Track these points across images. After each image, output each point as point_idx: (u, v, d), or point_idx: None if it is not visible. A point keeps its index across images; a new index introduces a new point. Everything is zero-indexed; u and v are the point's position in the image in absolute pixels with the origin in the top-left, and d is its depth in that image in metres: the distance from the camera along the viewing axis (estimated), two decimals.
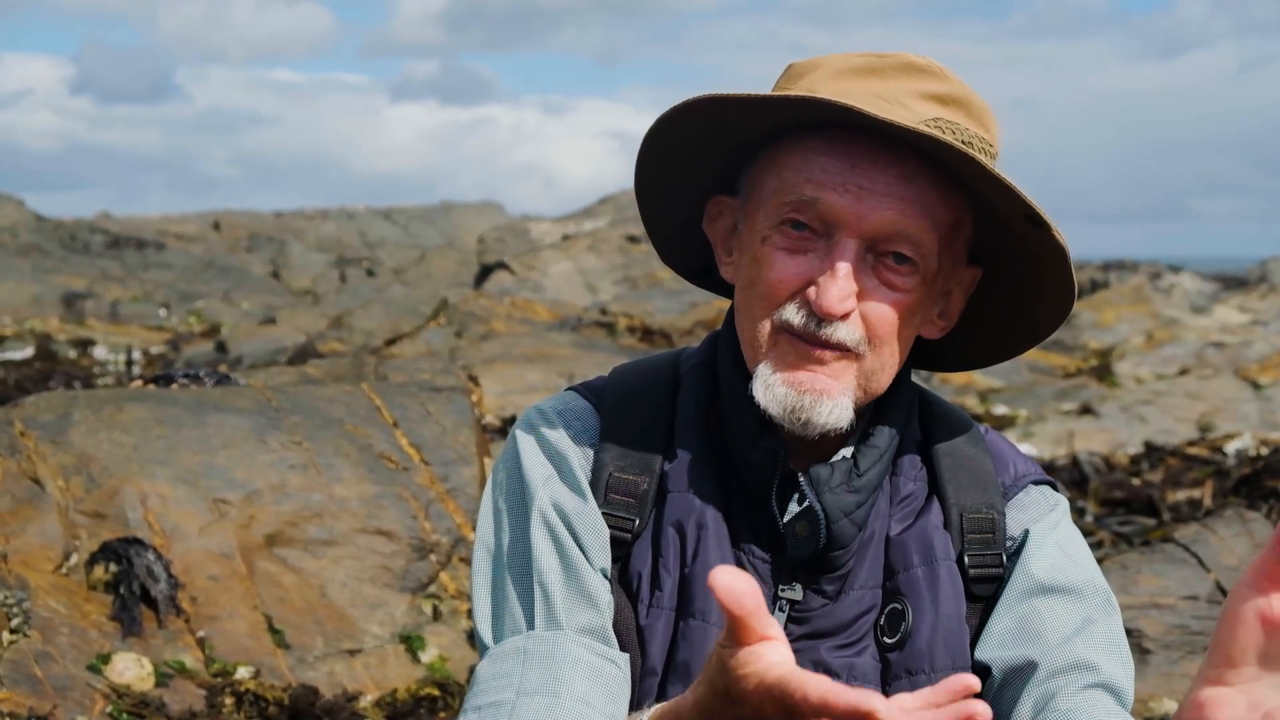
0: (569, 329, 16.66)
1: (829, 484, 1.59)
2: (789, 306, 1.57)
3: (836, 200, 1.54)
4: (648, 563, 1.63)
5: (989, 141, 1.60)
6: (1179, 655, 5.33)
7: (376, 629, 5.27)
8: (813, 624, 1.62)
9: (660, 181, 1.69)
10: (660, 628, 1.61)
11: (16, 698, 4.30)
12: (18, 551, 4.93)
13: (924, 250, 1.56)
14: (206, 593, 5.07)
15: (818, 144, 1.56)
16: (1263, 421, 12.65)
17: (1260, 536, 5.86)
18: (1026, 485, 1.70)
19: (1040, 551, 1.64)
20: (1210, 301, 25.82)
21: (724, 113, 1.57)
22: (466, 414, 6.15)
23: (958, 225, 1.60)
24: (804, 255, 1.56)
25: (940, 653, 1.59)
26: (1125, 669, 1.60)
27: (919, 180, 1.55)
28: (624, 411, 1.70)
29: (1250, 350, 17.95)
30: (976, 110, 1.60)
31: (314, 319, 23.87)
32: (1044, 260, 1.59)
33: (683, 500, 1.64)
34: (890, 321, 1.57)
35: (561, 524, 1.62)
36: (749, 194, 1.64)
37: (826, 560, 1.61)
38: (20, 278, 29.41)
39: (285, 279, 35.02)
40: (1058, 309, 1.64)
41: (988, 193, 1.56)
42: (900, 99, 1.56)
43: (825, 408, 1.57)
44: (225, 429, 5.61)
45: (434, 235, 43.13)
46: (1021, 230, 1.58)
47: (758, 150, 1.63)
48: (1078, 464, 9.97)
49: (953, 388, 15.70)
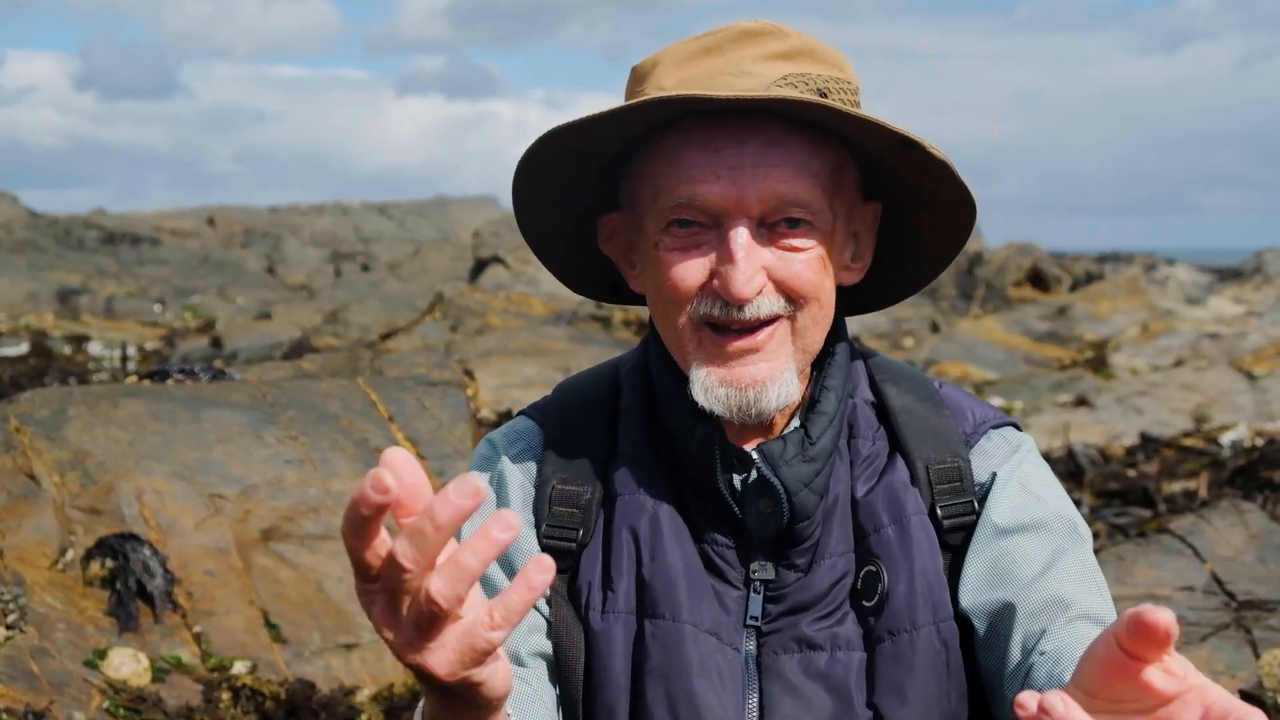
0: (564, 323, 16.66)
1: (784, 457, 1.59)
2: (702, 301, 1.57)
3: (712, 190, 1.53)
4: (597, 570, 1.63)
5: (845, 79, 1.60)
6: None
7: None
8: (789, 600, 1.61)
9: (543, 220, 1.70)
10: (619, 632, 1.60)
11: (13, 693, 4.30)
12: (14, 547, 4.93)
13: (813, 208, 1.55)
14: (203, 588, 5.07)
15: (677, 139, 1.56)
16: (1258, 413, 12.67)
17: (1255, 528, 5.87)
18: (987, 431, 1.69)
19: (1004, 492, 1.64)
20: (1205, 293, 25.84)
21: (576, 140, 1.57)
22: (462, 408, 6.15)
23: (839, 171, 1.59)
24: (699, 249, 1.56)
25: (920, 609, 1.58)
26: (1101, 594, 1.60)
27: (786, 142, 1.54)
28: (565, 424, 1.71)
29: (1245, 341, 17.97)
30: (824, 55, 1.60)
31: (309, 314, 23.86)
32: (931, 178, 1.59)
33: (633, 502, 1.64)
34: (805, 280, 1.56)
35: (495, 563, 1.65)
36: (631, 206, 1.64)
37: (793, 534, 1.61)
38: (15, 274, 29.37)
39: (280, 274, 34.99)
40: (962, 219, 1.63)
41: (852, 132, 1.56)
42: (744, 68, 1.56)
43: (772, 393, 1.57)
44: (221, 424, 5.61)
45: (429, 230, 43.10)
46: (900, 157, 1.58)
47: (628, 160, 1.63)
48: (1073, 456, 9.98)
49: (948, 380, 15.72)
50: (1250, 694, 5.12)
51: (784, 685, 1.58)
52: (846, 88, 1.59)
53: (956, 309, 22.86)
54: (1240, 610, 5.46)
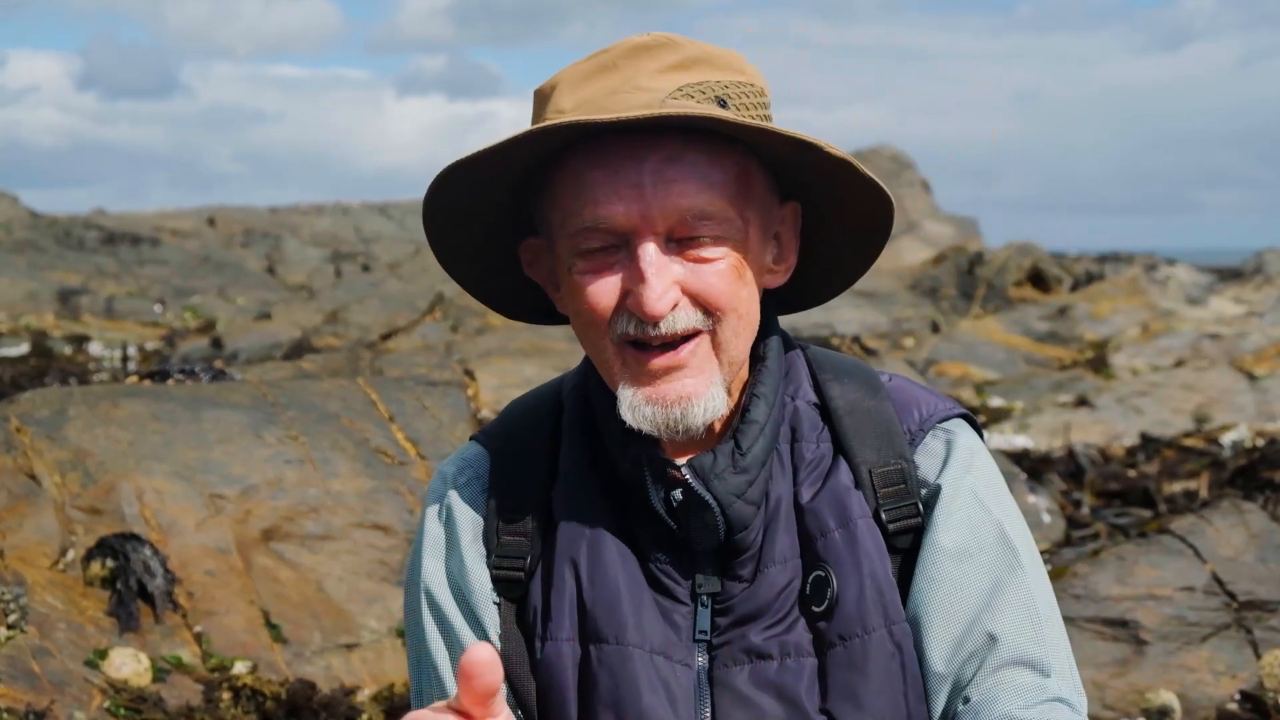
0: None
1: (714, 470, 1.58)
2: (618, 320, 1.56)
3: (615, 212, 1.53)
4: (541, 597, 1.63)
5: (748, 83, 1.59)
6: (1176, 646, 5.34)
7: (373, 623, 5.27)
8: (736, 611, 1.60)
9: (463, 251, 1.69)
10: (566, 659, 1.60)
11: (14, 693, 4.30)
12: (14, 547, 4.93)
13: (719, 217, 1.55)
14: (203, 588, 5.07)
15: (578, 162, 1.55)
16: (1258, 413, 12.66)
17: (1256, 528, 5.87)
18: (933, 427, 1.67)
19: (952, 507, 1.62)
20: (1206, 293, 25.84)
21: (478, 173, 1.56)
22: (463, 408, 6.15)
23: (744, 178, 1.58)
24: (611, 270, 1.56)
25: (871, 613, 1.57)
26: (1036, 631, 1.58)
27: (686, 156, 1.53)
28: (511, 450, 1.72)
29: (1246, 341, 17.96)
30: (722, 60, 1.59)
31: (309, 314, 23.85)
32: (838, 176, 1.59)
33: (573, 527, 1.64)
34: (721, 291, 1.56)
35: (449, 596, 1.67)
36: (545, 230, 1.64)
37: (733, 545, 1.60)
38: (15, 274, 29.36)
39: (280, 274, 34.98)
40: (880, 210, 1.62)
41: (748, 139, 1.56)
42: (639, 84, 1.55)
43: (698, 409, 1.56)
44: (221, 424, 5.61)
45: None
46: (802, 158, 1.57)
47: (537, 184, 1.63)
48: (1074, 456, 9.98)
49: (949, 380, 15.71)
50: (1251, 694, 5.12)
51: (735, 697, 1.58)
52: (749, 90, 1.58)
53: (957, 309, 22.86)
54: (1241, 610, 5.46)
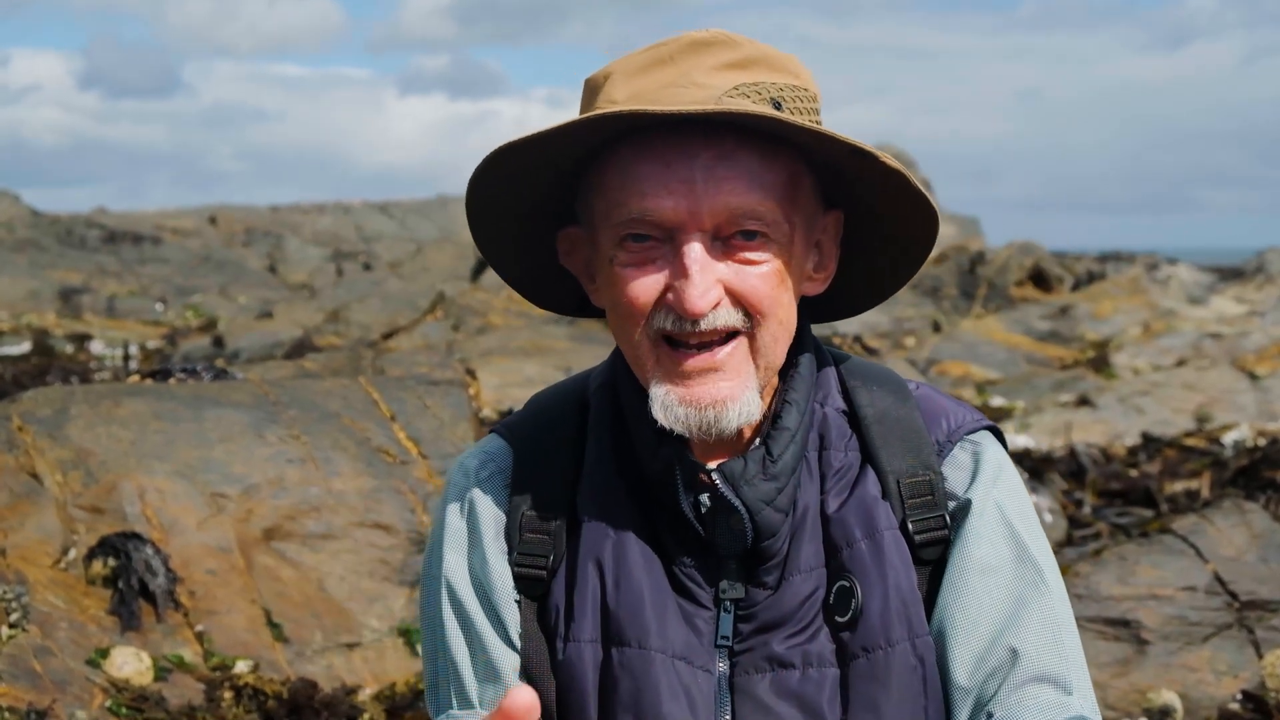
0: (565, 322, 16.65)
1: (745, 476, 1.57)
2: (656, 316, 1.55)
3: (664, 205, 1.52)
4: (564, 597, 1.62)
5: (802, 87, 1.58)
6: (1177, 646, 5.34)
7: (375, 622, 5.27)
8: (760, 618, 1.59)
9: (502, 236, 1.68)
10: (587, 661, 1.59)
11: (15, 692, 4.30)
12: (16, 546, 4.93)
13: (768, 219, 1.54)
14: (205, 587, 5.07)
15: (630, 152, 1.54)
16: (1260, 412, 12.66)
17: (1258, 528, 5.87)
18: (961, 440, 1.66)
19: (980, 523, 1.61)
20: (1207, 292, 25.83)
21: (527, 159, 1.55)
22: (464, 407, 6.15)
23: (794, 182, 1.57)
24: (654, 264, 1.55)
25: (895, 625, 1.56)
26: (1059, 649, 1.58)
27: (738, 155, 1.52)
28: (535, 446, 1.70)
29: (1247, 341, 17.96)
30: (779, 63, 1.58)
31: (311, 313, 23.86)
32: (888, 187, 1.57)
33: (598, 527, 1.62)
34: (763, 294, 1.55)
35: (470, 591, 1.65)
36: (587, 220, 1.63)
37: (760, 552, 1.59)
38: (16, 273, 29.37)
39: (282, 273, 34.98)
40: (923, 228, 1.61)
41: (803, 141, 1.54)
42: (695, 79, 1.53)
43: (732, 413, 1.55)
44: (223, 423, 5.61)
45: (430, 229, 43.10)
46: (855, 166, 1.56)
47: (582, 174, 1.62)
48: (1075, 455, 9.98)
49: (950, 380, 15.71)
50: (1253, 694, 5.12)
51: (755, 705, 1.57)
52: (803, 95, 1.57)
53: (958, 308, 22.85)
54: (1242, 610, 5.46)
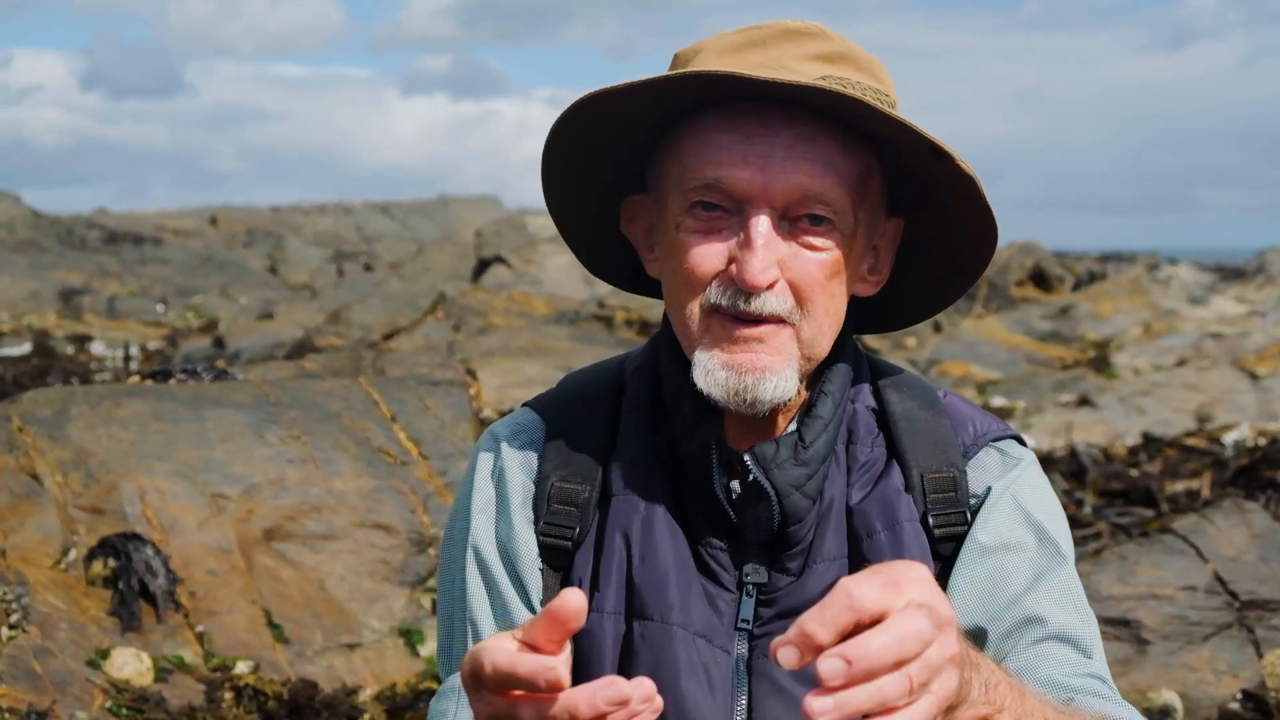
0: (566, 322, 16.66)
1: (776, 460, 1.59)
2: (714, 287, 1.56)
3: (739, 175, 1.53)
4: (589, 569, 1.63)
5: (883, 92, 1.59)
6: (1177, 645, 5.34)
7: (375, 623, 5.27)
8: (781, 604, 1.61)
9: (570, 194, 1.69)
10: (608, 633, 1.60)
11: (16, 693, 4.30)
12: (16, 547, 4.93)
13: (836, 208, 1.55)
14: (205, 587, 5.07)
15: (711, 122, 1.56)
16: (1260, 412, 12.67)
17: (1258, 527, 5.87)
18: (987, 444, 1.68)
19: (996, 508, 1.63)
20: (1208, 292, 25.82)
21: (613, 109, 1.56)
22: (465, 407, 6.15)
23: (866, 177, 1.59)
24: (719, 234, 1.56)
25: None
26: (1079, 615, 1.59)
27: (818, 139, 1.54)
28: (567, 420, 1.71)
29: (1248, 341, 17.96)
30: (864, 63, 1.59)
31: (311, 314, 23.86)
32: (957, 194, 1.58)
33: (627, 502, 1.64)
34: (817, 283, 1.56)
35: (496, 555, 1.65)
36: (657, 186, 1.64)
37: (785, 537, 1.61)
38: (17, 273, 29.37)
39: (283, 274, 34.99)
40: (984, 242, 1.63)
41: (886, 134, 1.56)
42: (785, 64, 1.55)
43: (769, 384, 1.56)
44: (223, 424, 5.61)
45: (431, 229, 43.12)
46: (928, 167, 1.57)
47: (657, 141, 1.63)
48: (1076, 455, 9.98)
49: (950, 380, 15.72)
50: (1253, 694, 5.12)
51: (773, 687, 1.59)
52: (884, 100, 1.58)
53: (959, 308, 22.86)
54: (1243, 610, 5.46)
